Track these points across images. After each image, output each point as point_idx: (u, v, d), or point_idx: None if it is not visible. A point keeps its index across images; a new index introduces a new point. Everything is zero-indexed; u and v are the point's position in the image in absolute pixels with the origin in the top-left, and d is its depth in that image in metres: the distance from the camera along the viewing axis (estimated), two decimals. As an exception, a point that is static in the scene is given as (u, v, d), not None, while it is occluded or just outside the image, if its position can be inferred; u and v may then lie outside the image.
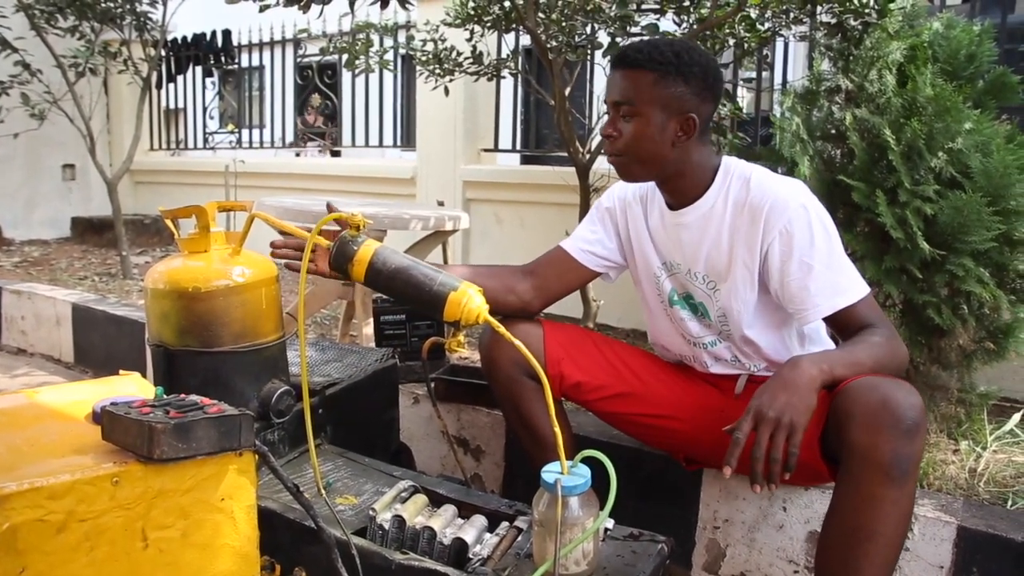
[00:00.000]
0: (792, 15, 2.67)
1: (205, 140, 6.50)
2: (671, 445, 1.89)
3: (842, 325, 1.59)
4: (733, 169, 1.68)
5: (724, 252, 1.66)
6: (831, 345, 1.76)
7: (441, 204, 4.15)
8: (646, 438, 1.90)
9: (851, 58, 2.39)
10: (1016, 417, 2.33)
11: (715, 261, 1.68)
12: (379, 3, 2.64)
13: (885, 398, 1.36)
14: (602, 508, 1.24)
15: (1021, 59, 2.82)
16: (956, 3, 3.55)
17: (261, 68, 6.15)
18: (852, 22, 2.39)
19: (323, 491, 1.43)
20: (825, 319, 1.60)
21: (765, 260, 1.61)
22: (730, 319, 1.70)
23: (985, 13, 3.08)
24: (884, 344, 1.52)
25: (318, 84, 5.62)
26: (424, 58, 3.26)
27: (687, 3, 2.73)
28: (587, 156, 3.08)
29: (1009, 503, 1.89)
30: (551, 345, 1.77)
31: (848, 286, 1.57)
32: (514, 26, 3.10)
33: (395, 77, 5.15)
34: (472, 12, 3.01)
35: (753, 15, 2.71)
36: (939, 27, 2.40)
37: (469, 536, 1.35)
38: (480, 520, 1.42)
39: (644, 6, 2.80)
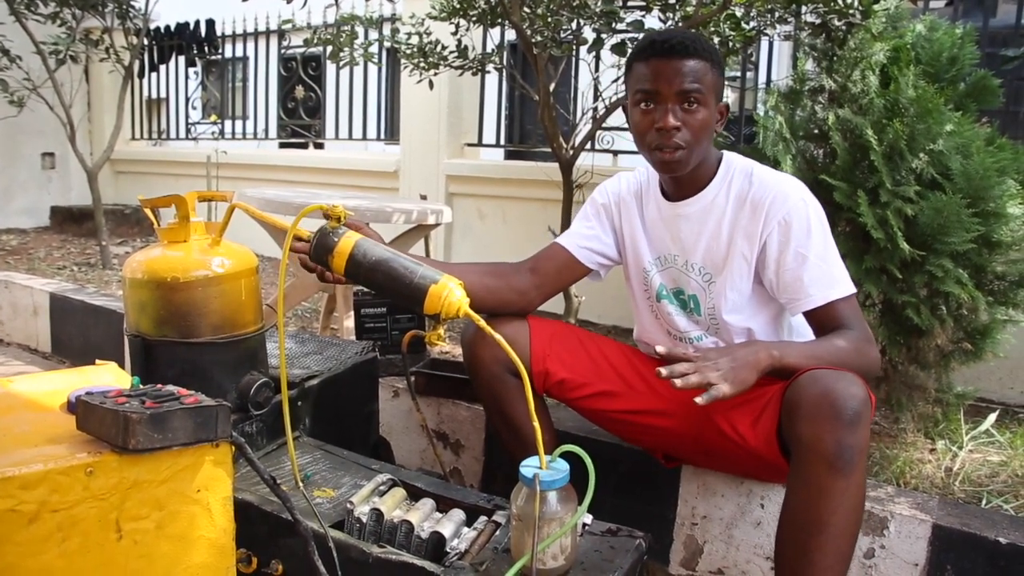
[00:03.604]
0: (777, 14, 2.68)
1: (187, 130, 6.44)
2: (651, 442, 1.89)
3: (821, 321, 1.60)
4: (735, 164, 1.71)
5: (723, 244, 1.68)
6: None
7: (424, 198, 4.15)
8: (627, 435, 1.90)
9: (835, 58, 2.40)
10: (992, 417, 2.36)
11: (713, 253, 1.69)
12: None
13: (826, 389, 1.38)
14: (580, 503, 1.24)
15: (1002, 62, 2.84)
16: (939, 6, 3.58)
17: (245, 59, 6.11)
18: (836, 22, 2.40)
19: (301, 484, 1.42)
20: (806, 314, 1.61)
21: (763, 250, 1.63)
22: (722, 312, 1.71)
23: (967, 16, 3.11)
24: (850, 347, 1.53)
25: (302, 76, 5.58)
26: (409, 51, 3.25)
27: (672, 0, 2.73)
28: (571, 152, 3.07)
29: (984, 502, 1.91)
30: (537, 342, 1.77)
31: (839, 279, 1.59)
32: (499, 20, 3.09)
33: (379, 70, 5.12)
34: (457, 6, 3.00)
35: (738, 14, 2.71)
36: (922, 29, 2.41)
37: (447, 530, 1.35)
38: (458, 514, 1.42)
39: (630, 3, 2.80)
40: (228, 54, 6.26)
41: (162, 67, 6.44)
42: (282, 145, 6.10)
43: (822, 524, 1.37)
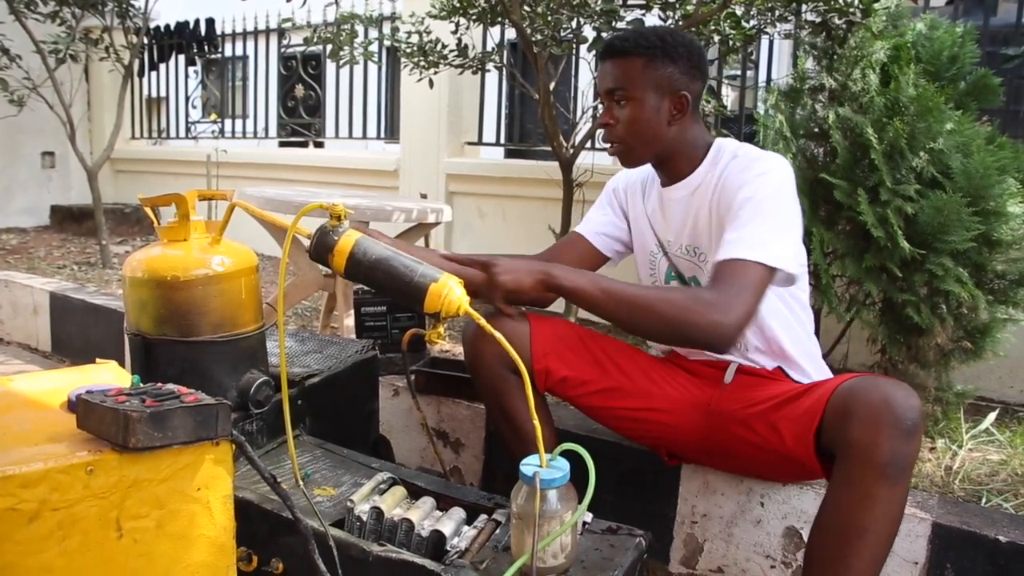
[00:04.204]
0: (777, 13, 2.68)
1: (187, 129, 6.44)
2: (655, 439, 1.89)
3: (713, 275, 1.56)
4: (725, 147, 1.72)
5: (707, 222, 1.69)
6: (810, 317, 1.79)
7: (424, 197, 4.15)
8: (631, 432, 1.90)
9: (835, 57, 2.40)
10: (991, 416, 2.36)
11: (700, 231, 1.71)
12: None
13: (887, 397, 1.37)
14: (581, 502, 1.24)
15: (1002, 61, 2.84)
16: (940, 5, 3.57)
17: (245, 58, 6.10)
18: (836, 21, 2.40)
19: (301, 482, 1.42)
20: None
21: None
22: None
23: (968, 15, 3.11)
24: (675, 298, 1.51)
25: (302, 75, 5.58)
26: (409, 50, 3.25)
27: (672, -1, 2.74)
28: (571, 151, 3.07)
29: (983, 500, 1.91)
30: (538, 340, 1.77)
31: (758, 244, 1.53)
32: (499, 19, 3.09)
33: (379, 69, 5.12)
34: (457, 4, 3.00)
35: (738, 12, 2.71)
36: (922, 28, 2.41)
37: (447, 528, 1.35)
38: (458, 513, 1.42)
39: (630, 1, 2.81)
40: (228, 53, 6.26)
41: (162, 66, 6.44)
42: (282, 144, 6.10)
43: (864, 530, 1.37)
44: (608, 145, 1.75)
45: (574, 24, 3.01)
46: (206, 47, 6.19)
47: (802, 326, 1.76)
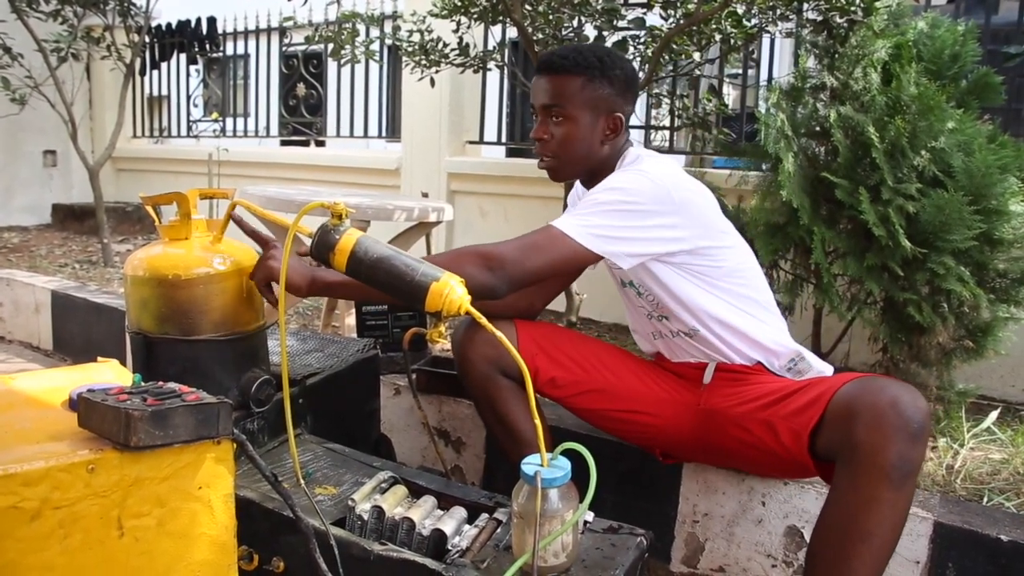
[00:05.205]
0: (778, 11, 2.68)
1: (189, 128, 6.44)
2: (646, 440, 1.89)
3: None
4: (630, 157, 1.73)
5: None
6: (775, 310, 1.79)
7: (425, 196, 4.15)
8: (621, 433, 1.90)
9: (836, 56, 2.40)
10: (993, 415, 2.36)
11: None
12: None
13: (894, 399, 1.36)
14: (582, 501, 1.24)
15: (1004, 60, 2.84)
16: (941, 3, 3.57)
17: (246, 56, 6.11)
18: (838, 19, 2.40)
19: (302, 481, 1.42)
20: None
21: None
22: (646, 288, 1.73)
23: (969, 13, 3.11)
24: (446, 256, 1.53)
25: (303, 73, 5.59)
26: (410, 49, 3.25)
27: (674, -3, 2.74)
28: (572, 150, 3.07)
29: (985, 499, 1.91)
30: (525, 342, 1.78)
31: (571, 223, 1.58)
32: (501, 18, 3.09)
33: (381, 68, 5.12)
34: (459, 3, 3.00)
35: (740, 11, 2.71)
36: (924, 26, 2.41)
37: (448, 527, 1.35)
38: (460, 512, 1.42)
39: (631, 0, 2.80)
40: (229, 52, 6.26)
41: (163, 65, 6.44)
42: (283, 143, 6.10)
43: (867, 534, 1.36)
44: (539, 159, 1.77)
45: (575, 23, 3.01)
46: (207, 46, 6.19)
47: (763, 321, 1.75)
